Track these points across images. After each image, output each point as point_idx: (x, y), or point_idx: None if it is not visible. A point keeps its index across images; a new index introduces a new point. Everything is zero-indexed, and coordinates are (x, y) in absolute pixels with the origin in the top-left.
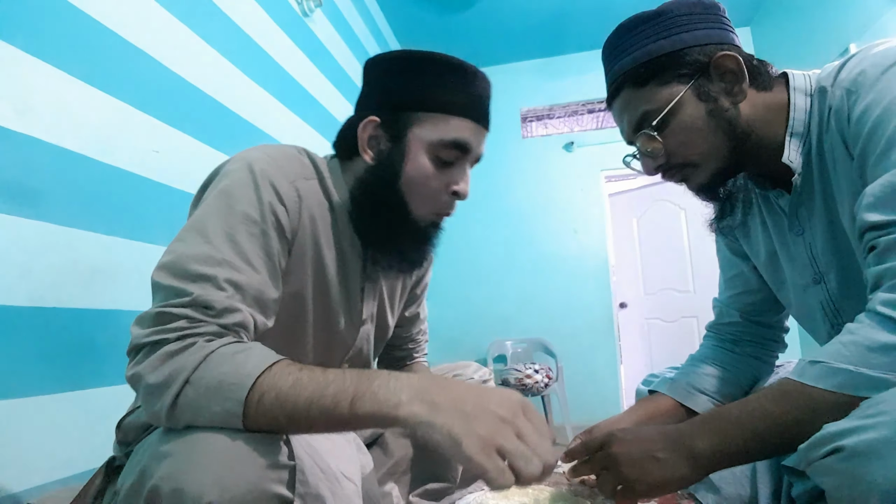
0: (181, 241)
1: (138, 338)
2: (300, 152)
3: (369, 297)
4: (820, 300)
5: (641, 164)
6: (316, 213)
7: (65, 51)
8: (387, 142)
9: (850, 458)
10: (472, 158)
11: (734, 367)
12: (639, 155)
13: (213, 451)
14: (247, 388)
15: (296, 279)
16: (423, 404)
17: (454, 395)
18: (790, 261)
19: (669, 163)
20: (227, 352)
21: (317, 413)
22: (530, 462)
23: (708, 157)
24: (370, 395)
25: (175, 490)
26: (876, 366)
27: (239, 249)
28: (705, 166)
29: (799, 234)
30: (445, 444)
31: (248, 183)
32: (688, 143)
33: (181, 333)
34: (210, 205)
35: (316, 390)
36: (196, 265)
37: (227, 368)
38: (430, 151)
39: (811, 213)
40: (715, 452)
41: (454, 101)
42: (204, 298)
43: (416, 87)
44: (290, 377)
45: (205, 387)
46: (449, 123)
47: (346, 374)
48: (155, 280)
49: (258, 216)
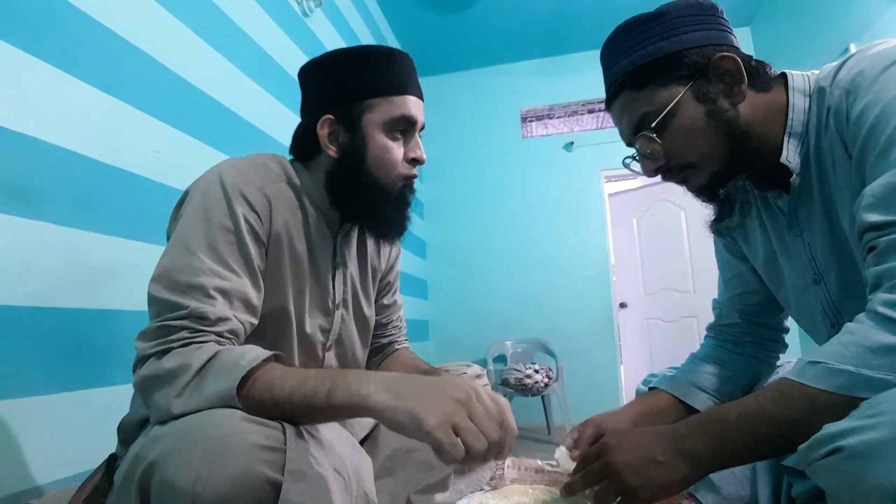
0: (168, 256)
1: (144, 350)
2: (269, 158)
3: (340, 283)
4: (820, 300)
5: (641, 166)
6: (286, 211)
7: (65, 51)
8: (345, 133)
9: (850, 459)
10: (419, 127)
11: (735, 366)
12: (638, 156)
13: (204, 433)
14: (245, 370)
15: (275, 276)
16: (389, 393)
17: (415, 384)
18: (789, 261)
19: (669, 164)
20: (231, 349)
21: (298, 400)
22: (478, 439)
23: (707, 158)
24: (344, 387)
25: (166, 469)
26: (876, 367)
27: (221, 258)
28: (705, 168)
29: (798, 235)
30: (408, 423)
31: (221, 196)
32: (687, 145)
33: (184, 342)
34: (189, 220)
35: (299, 381)
36: (185, 277)
37: (231, 357)
38: (385, 130)
39: (810, 214)
40: (714, 453)
41: (392, 83)
42: (199, 310)
43: (359, 79)
44: (281, 370)
45: (212, 374)
46: (393, 102)
47: (328, 371)
48: (151, 294)
49: (233, 226)
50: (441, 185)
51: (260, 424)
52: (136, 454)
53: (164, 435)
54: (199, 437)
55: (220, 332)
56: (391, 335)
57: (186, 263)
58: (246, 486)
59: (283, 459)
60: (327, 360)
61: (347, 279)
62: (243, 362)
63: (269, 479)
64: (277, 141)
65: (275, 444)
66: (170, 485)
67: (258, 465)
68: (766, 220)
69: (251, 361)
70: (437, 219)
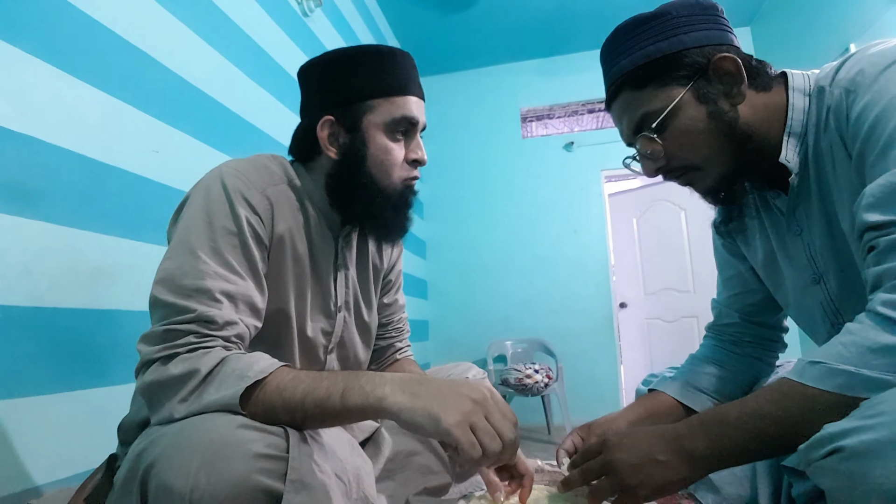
0: (171, 259)
1: (149, 354)
2: (270, 160)
3: (342, 285)
4: (819, 300)
5: (642, 166)
6: (288, 213)
7: (65, 51)
8: (345, 134)
9: (850, 459)
10: (420, 128)
11: (734, 366)
12: (639, 157)
13: (203, 439)
14: (253, 379)
15: (277, 279)
16: (406, 394)
17: (431, 385)
18: (789, 261)
19: (669, 165)
20: (239, 356)
21: (311, 404)
22: (494, 439)
23: (709, 160)
24: (358, 389)
25: (164, 473)
26: (876, 367)
27: (225, 261)
28: (709, 170)
29: (797, 235)
30: (426, 423)
31: (223, 199)
32: (688, 146)
33: (191, 347)
34: (191, 223)
35: (311, 384)
36: (190, 280)
37: (239, 366)
38: (385, 131)
39: (809, 214)
40: (714, 453)
41: (393, 83)
42: (206, 314)
43: (360, 80)
44: (291, 373)
45: (218, 381)
46: (394, 103)
47: (339, 373)
48: (155, 297)
49: (236, 229)
50: (441, 185)
51: (261, 431)
52: (138, 455)
53: (164, 436)
54: (198, 442)
55: (226, 337)
56: (391, 337)
57: (191, 267)
58: (243, 496)
59: (283, 468)
60: (328, 363)
61: (349, 281)
62: (251, 373)
63: (267, 490)
64: (277, 141)
65: (275, 451)
66: (168, 489)
67: (256, 474)
68: (766, 220)
69: (259, 373)
70: (437, 219)
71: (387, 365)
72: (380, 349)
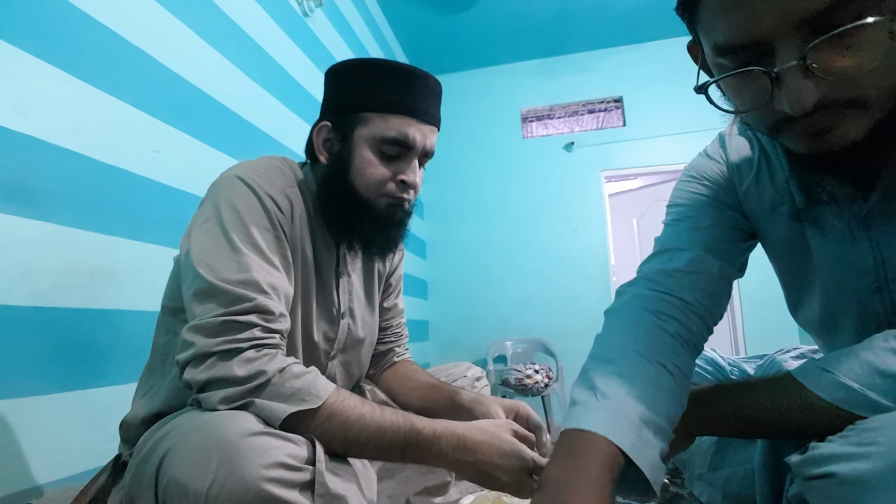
0: (210, 252)
1: (207, 346)
2: (280, 162)
3: (344, 291)
4: (876, 310)
5: (794, 92)
6: (299, 216)
7: (65, 51)
8: (337, 142)
9: (843, 486)
10: (417, 152)
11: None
12: (790, 75)
13: (224, 440)
14: (320, 401)
15: (290, 279)
16: (463, 473)
17: (480, 468)
18: (837, 260)
19: (828, 98)
20: (299, 368)
21: (372, 450)
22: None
23: (879, 98)
24: (416, 451)
25: (180, 468)
26: (883, 392)
27: (264, 255)
28: (875, 110)
29: (864, 231)
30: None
31: (250, 195)
32: (872, 73)
33: (254, 344)
34: (222, 220)
35: (376, 432)
36: (236, 273)
37: (300, 384)
38: (373, 147)
39: (888, 214)
40: (708, 433)
41: (393, 101)
42: (265, 305)
43: (359, 91)
44: (356, 410)
45: (280, 392)
46: (388, 122)
47: (401, 422)
48: (207, 285)
49: (269, 224)
50: (441, 185)
51: (283, 439)
52: (156, 442)
53: (183, 430)
54: (218, 442)
55: (282, 331)
56: (390, 342)
57: (234, 260)
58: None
59: (302, 478)
60: (331, 368)
61: (352, 288)
62: (314, 390)
63: (283, 501)
64: (278, 141)
65: (296, 462)
66: (183, 485)
67: (273, 485)
68: (812, 206)
69: (323, 391)
70: (438, 219)
71: (385, 368)
72: (378, 354)
